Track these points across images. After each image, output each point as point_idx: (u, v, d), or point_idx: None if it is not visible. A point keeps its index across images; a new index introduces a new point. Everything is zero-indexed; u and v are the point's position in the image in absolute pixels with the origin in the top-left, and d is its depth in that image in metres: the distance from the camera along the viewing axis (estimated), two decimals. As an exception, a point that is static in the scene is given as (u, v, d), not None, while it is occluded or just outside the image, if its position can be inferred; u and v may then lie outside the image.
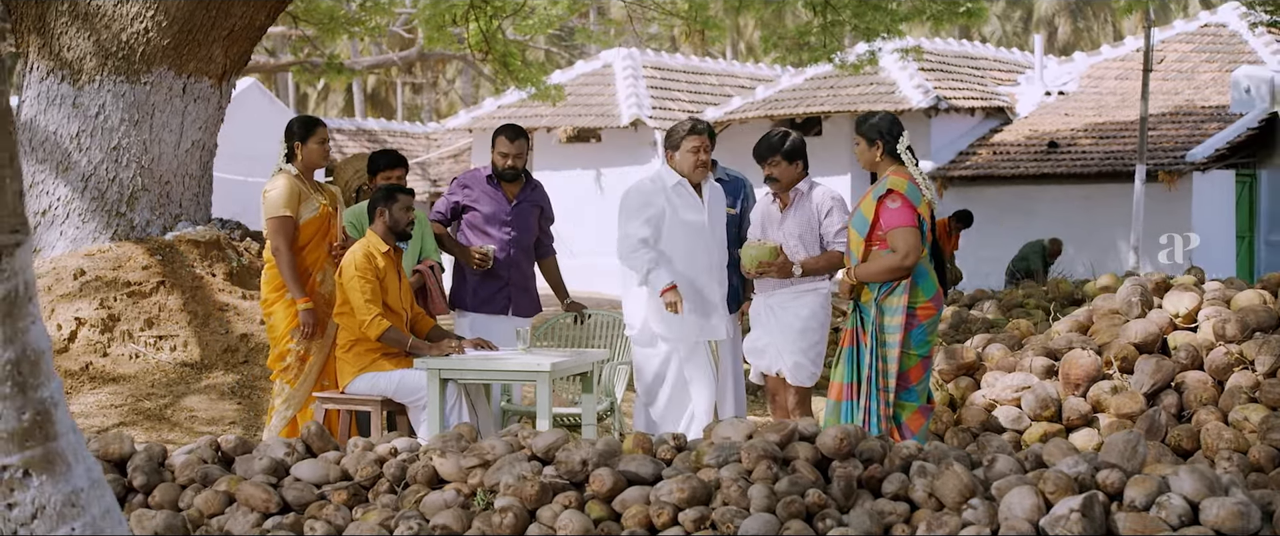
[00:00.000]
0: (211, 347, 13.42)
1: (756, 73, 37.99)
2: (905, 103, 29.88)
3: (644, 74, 35.05)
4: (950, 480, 7.15)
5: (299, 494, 7.83)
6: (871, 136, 9.41)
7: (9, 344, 5.41)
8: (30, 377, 5.48)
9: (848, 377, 9.42)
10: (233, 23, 14.65)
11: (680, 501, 7.16)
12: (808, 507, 7.11)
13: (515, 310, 11.15)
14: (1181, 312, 10.76)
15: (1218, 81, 30.69)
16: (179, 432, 11.99)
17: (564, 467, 7.50)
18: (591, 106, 33.89)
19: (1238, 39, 32.10)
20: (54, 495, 5.54)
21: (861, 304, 9.33)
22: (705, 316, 10.18)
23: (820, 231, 9.85)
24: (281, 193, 10.31)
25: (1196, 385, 10.15)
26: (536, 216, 11.27)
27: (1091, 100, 31.61)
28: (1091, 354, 10.44)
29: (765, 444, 7.44)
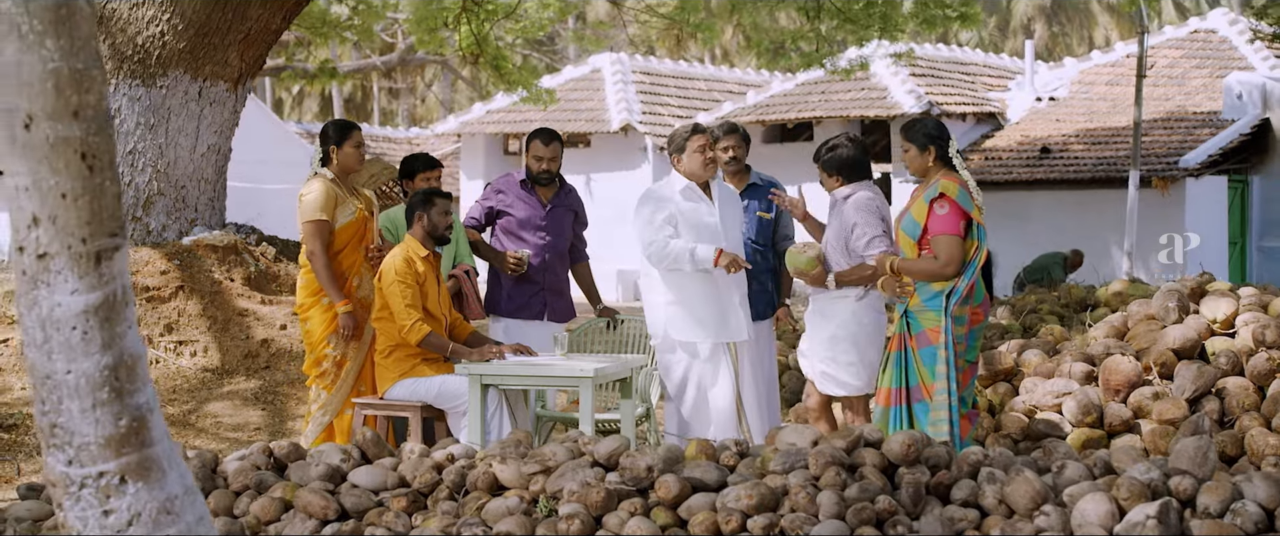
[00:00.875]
0: (232, 353, 13.34)
1: (745, 78, 37.97)
2: (897, 108, 29.89)
3: (633, 79, 35.01)
4: (1022, 486, 7.11)
5: (357, 500, 7.77)
6: (922, 142, 9.37)
7: (107, 349, 5.36)
8: (127, 383, 5.43)
9: (895, 382, 9.38)
10: (248, 26, 14.58)
11: (748, 508, 7.12)
12: (878, 514, 7.07)
13: (550, 315, 11.09)
14: (1219, 318, 10.74)
15: (1209, 87, 30.74)
16: (205, 439, 11.91)
17: (629, 474, 7.45)
18: (581, 111, 33.84)
19: (1228, 45, 32.16)
20: (149, 502, 5.49)
21: (909, 309, 9.29)
22: (722, 318, 10.13)
23: (851, 243, 9.77)
24: (318, 196, 10.24)
25: (1238, 391, 10.12)
26: (571, 221, 11.21)
27: (1082, 106, 31.64)
28: (1132, 360, 10.42)
29: (832, 450, 7.40)
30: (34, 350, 5.39)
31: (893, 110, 29.97)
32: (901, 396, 9.34)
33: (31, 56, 5.15)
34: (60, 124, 5.19)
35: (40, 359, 5.38)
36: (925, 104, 29.82)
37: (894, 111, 29.92)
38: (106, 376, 5.40)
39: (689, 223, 10.03)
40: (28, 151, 5.21)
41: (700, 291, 10.04)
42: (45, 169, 5.21)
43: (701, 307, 10.04)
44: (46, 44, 5.16)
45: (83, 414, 5.39)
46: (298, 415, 12.60)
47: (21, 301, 5.37)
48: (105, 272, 5.36)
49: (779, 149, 32.71)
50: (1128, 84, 31.24)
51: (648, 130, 32.98)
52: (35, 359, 5.39)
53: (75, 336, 5.35)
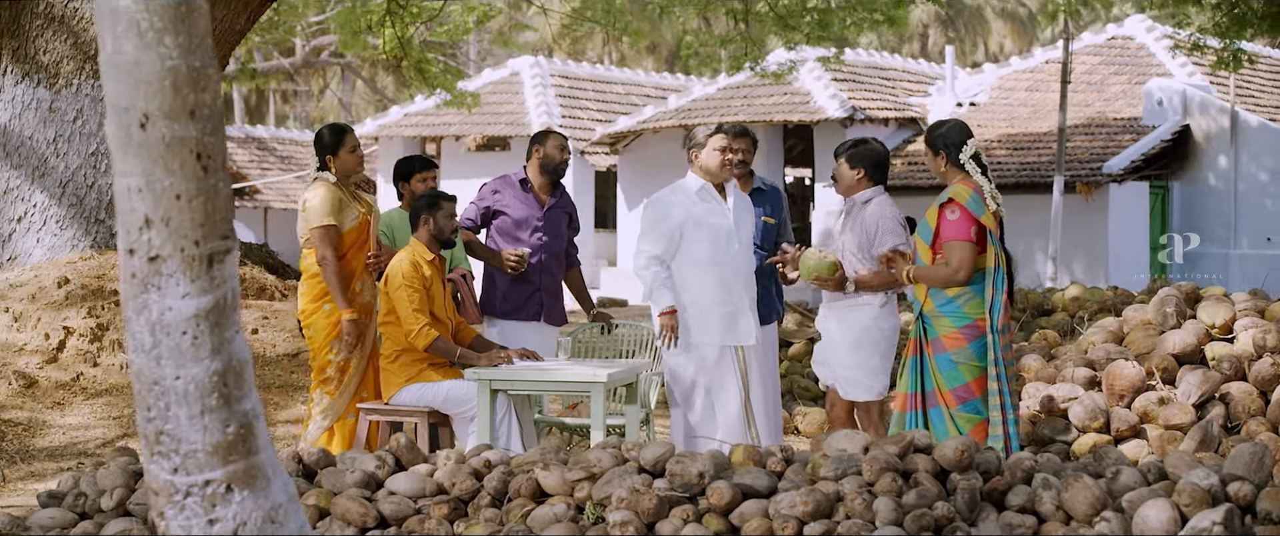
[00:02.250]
0: (204, 358, 13.13)
1: (663, 82, 37.99)
2: (821, 113, 29.95)
3: (552, 82, 34.92)
4: (1081, 493, 7.09)
5: (396, 507, 7.66)
6: (935, 146, 9.37)
7: (216, 354, 5.25)
8: (235, 389, 5.32)
9: (912, 387, 9.36)
10: (212, 26, 14.34)
11: (804, 514, 7.06)
12: (937, 521, 7.02)
13: (546, 317, 11.00)
14: (1218, 323, 10.80)
15: (1128, 94, 31.02)
16: (187, 444, 11.70)
17: (679, 480, 7.37)
18: (500, 115, 33.73)
19: (1145, 52, 32.46)
20: (255, 511, 5.39)
21: (924, 313, 9.27)
22: (731, 322, 10.07)
23: (872, 250, 9.75)
24: (323, 201, 10.12)
25: (1242, 396, 10.18)
26: (566, 223, 11.13)
27: (1003, 111, 31.84)
28: (1135, 365, 10.45)
29: (887, 456, 7.35)
30: (141, 355, 5.27)
31: (816, 115, 30.03)
32: (917, 401, 9.32)
33: (150, 54, 5.04)
34: (176, 123, 5.08)
35: (148, 364, 5.26)
36: (849, 109, 29.91)
37: (817, 116, 29.98)
38: (215, 382, 5.29)
39: (701, 223, 9.96)
40: (143, 151, 5.09)
41: (711, 293, 9.98)
42: (160, 169, 5.09)
43: (711, 310, 9.98)
44: (165, 41, 5.04)
45: (190, 421, 5.27)
46: (277, 420, 12.43)
47: (129, 305, 5.24)
48: (217, 276, 5.25)
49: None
50: (1047, 90, 31.47)
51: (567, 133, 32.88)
52: (142, 364, 5.27)
53: (185, 341, 5.23)
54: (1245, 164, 28.84)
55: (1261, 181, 28.53)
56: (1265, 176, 28.55)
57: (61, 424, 12.12)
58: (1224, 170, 28.75)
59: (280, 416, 12.55)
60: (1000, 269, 9.16)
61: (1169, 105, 29.00)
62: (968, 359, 9.15)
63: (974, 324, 9.15)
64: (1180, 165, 29.04)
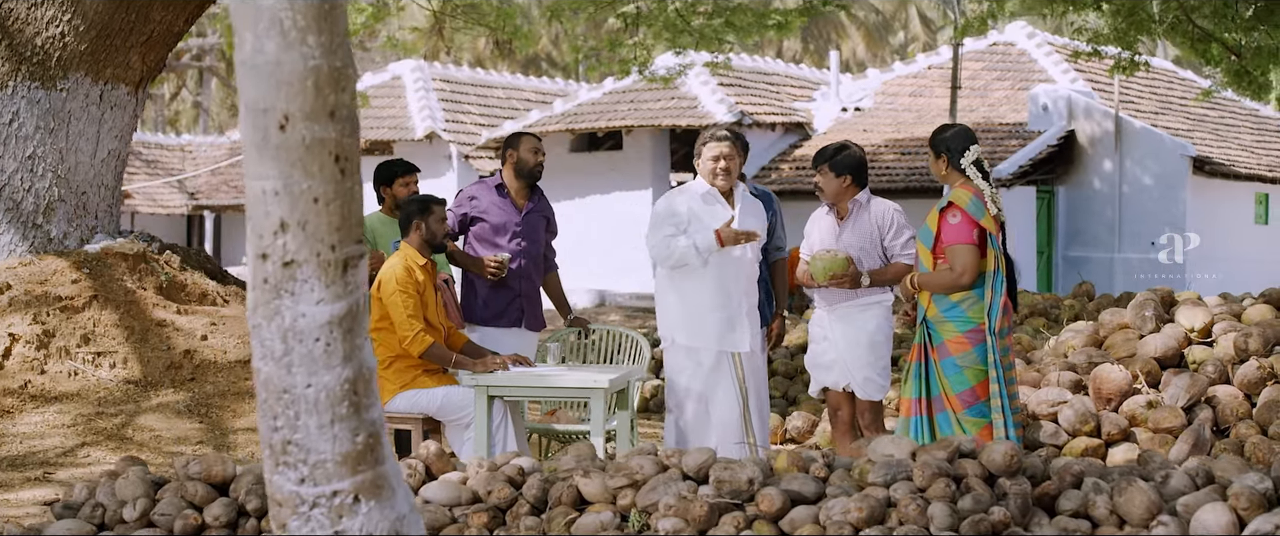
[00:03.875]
0: (154, 365, 12.90)
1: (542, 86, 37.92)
2: (710, 117, 29.97)
3: (434, 86, 34.72)
4: (1136, 497, 7.10)
5: (432, 516, 7.55)
6: (937, 149, 9.39)
7: (347, 361, 5.14)
8: (364, 397, 5.21)
9: (916, 393, 9.37)
10: (151, 28, 14.12)
11: (858, 521, 7.02)
12: (993, 526, 7.01)
13: (527, 323, 10.89)
14: (1197, 327, 10.89)
15: (1011, 99, 31.33)
16: (149, 453, 11.50)
17: (727, 487, 7.31)
18: (383, 119, 33.50)
19: (1027, 57, 32.81)
20: (381, 522, 5.28)
21: (928, 319, 9.28)
22: (730, 327, 10.03)
23: (885, 244, 9.77)
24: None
25: (1229, 399, 10.27)
26: (543, 227, 11.03)
27: (888, 116, 32.05)
28: (1121, 369, 10.51)
29: (939, 461, 7.32)
30: (271, 363, 5.13)
31: (704, 119, 30.05)
32: (922, 406, 9.33)
33: (292, 54, 4.91)
34: (317, 124, 4.96)
35: (278, 372, 5.13)
36: (737, 114, 29.97)
37: (705, 121, 30.00)
38: (346, 390, 5.17)
39: (704, 227, 9.92)
40: (280, 153, 4.97)
41: (710, 297, 9.94)
42: (298, 172, 4.97)
43: (708, 314, 9.94)
44: (308, 41, 4.92)
45: (320, 430, 5.15)
46: (235, 428, 12.22)
47: (260, 311, 5.11)
48: (350, 281, 5.14)
49: (588, 158, 32.65)
50: (930, 95, 31.72)
51: (452, 138, 32.73)
52: (271, 372, 5.14)
53: (318, 348, 5.11)
54: (1130, 168, 29.21)
55: (1145, 185, 28.91)
56: (1149, 180, 28.93)
57: (15, 433, 11.86)
58: (1109, 174, 29.10)
59: (238, 424, 12.34)
60: (1000, 272, 9.19)
61: (1054, 110, 29.32)
62: (973, 363, 9.17)
63: (978, 328, 9.17)
64: (1066, 170, 29.36)
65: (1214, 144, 30.99)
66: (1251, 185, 30.89)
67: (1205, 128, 32.50)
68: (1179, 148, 28.62)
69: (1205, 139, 31.03)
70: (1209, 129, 32.42)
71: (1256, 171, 30.43)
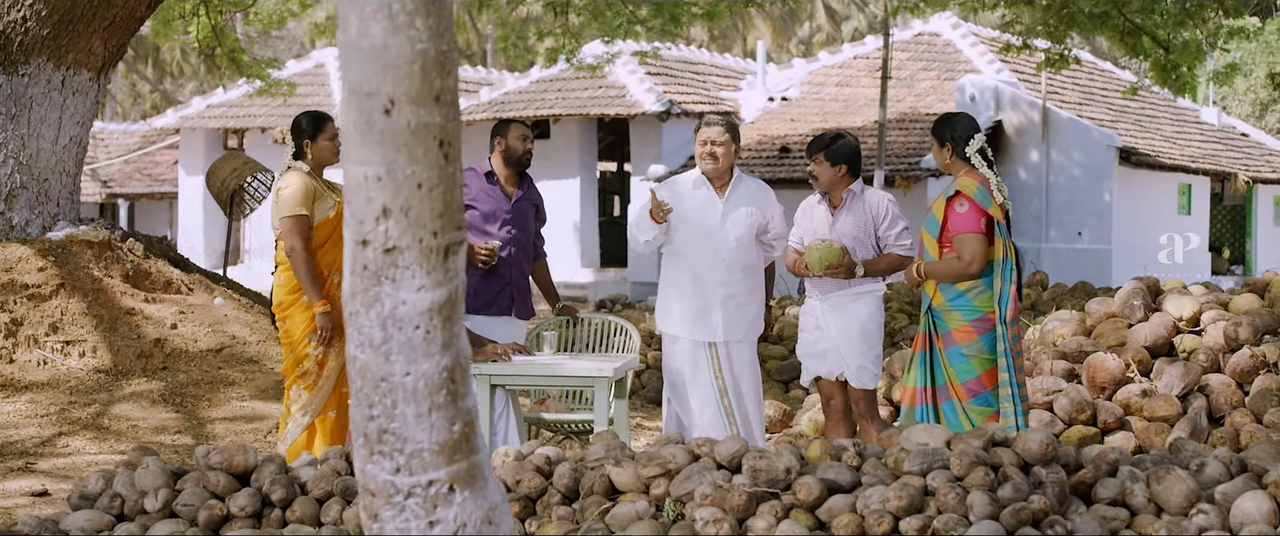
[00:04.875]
0: (124, 354, 12.75)
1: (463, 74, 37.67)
2: (638, 107, 29.94)
3: (357, 74, 34.44)
4: (1175, 485, 7.12)
5: (463, 505, 7.43)
6: (941, 138, 9.39)
7: (446, 349, 5.08)
8: (461, 386, 5.14)
9: (921, 381, 9.37)
10: (114, 13, 13.96)
11: (898, 510, 7.00)
12: (1034, 515, 7.01)
13: (517, 311, 10.82)
14: (1186, 316, 10.95)
15: (938, 89, 31.47)
16: (128, 443, 11.37)
17: (764, 476, 7.28)
18: (306, 106, 33.18)
19: (952, 48, 32.96)
20: (475, 512, 5.22)
21: (933, 307, 9.28)
22: (701, 317, 10.03)
23: (878, 234, 9.78)
24: (296, 191, 9.86)
25: (1221, 387, 10.34)
26: (533, 215, 10.97)
27: (815, 106, 32.11)
28: (1115, 358, 10.56)
29: (976, 450, 7.31)
30: (370, 351, 5.06)
31: (633, 109, 30.01)
32: (927, 395, 9.33)
33: (400, 38, 4.84)
34: (422, 109, 4.89)
35: (376, 360, 5.06)
36: (665, 103, 29.93)
37: (634, 110, 29.97)
38: (444, 379, 5.10)
39: (684, 216, 9.94)
40: (385, 138, 4.89)
41: (687, 287, 9.96)
42: (403, 157, 4.90)
43: (681, 303, 9.96)
44: (416, 24, 4.85)
45: (417, 419, 5.08)
46: (212, 418, 12.09)
47: (358, 299, 5.03)
48: (450, 268, 5.07)
49: (516, 146, 32.47)
50: (857, 85, 31.80)
51: (378, 126, 32.49)
52: (369, 360, 5.06)
53: (417, 336, 5.04)
54: (1056, 159, 29.40)
55: (1072, 176, 29.11)
56: (1077, 171, 29.12)
57: (-12, 423, 11.70)
58: (1035, 165, 29.28)
59: (214, 414, 12.22)
60: (1008, 260, 9.19)
61: (981, 101, 29.46)
62: (979, 352, 9.17)
63: (985, 317, 9.17)
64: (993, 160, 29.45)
65: (1138, 135, 31.26)
66: (1175, 176, 31.18)
67: (1128, 119, 32.76)
68: (1105, 138, 28.83)
69: (1129, 130, 31.29)
70: (1131, 120, 32.70)
71: (1180, 162, 30.72)
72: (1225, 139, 35.65)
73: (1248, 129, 38.18)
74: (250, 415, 12.21)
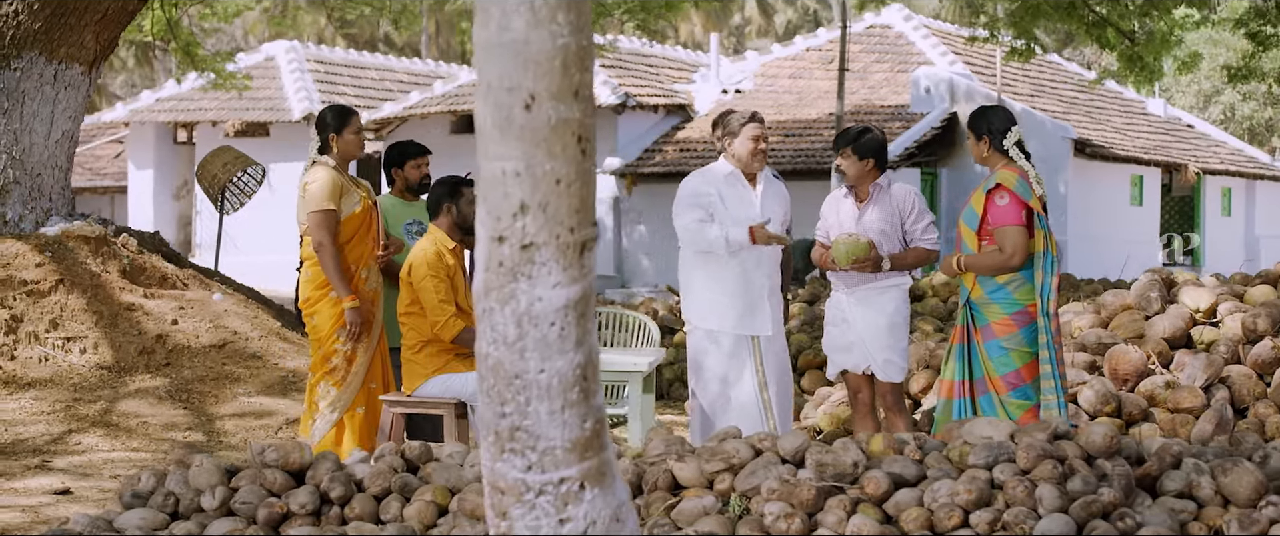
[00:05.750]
0: (126, 350, 12.65)
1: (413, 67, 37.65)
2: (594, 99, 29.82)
3: (309, 67, 34.34)
4: (1243, 477, 7.14)
5: (527, 503, 7.39)
6: (979, 131, 9.40)
7: (579, 346, 5.06)
8: (592, 383, 5.12)
9: (959, 375, 9.38)
10: (106, 6, 13.84)
11: (967, 503, 6.99)
12: (1104, 508, 7.02)
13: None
14: (1202, 308, 11.00)
15: (891, 82, 31.56)
16: (139, 439, 11.28)
17: (831, 470, 7.27)
18: (258, 100, 33.07)
19: (904, 40, 33.08)
20: (604, 510, 5.20)
21: (972, 300, 9.29)
22: (751, 311, 9.99)
23: (905, 227, 9.79)
24: (324, 185, 9.79)
25: (1243, 379, 10.39)
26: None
27: (769, 98, 32.15)
28: (1138, 349, 10.60)
29: (1042, 443, 7.32)
30: (504, 348, 5.02)
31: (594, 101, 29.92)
32: (965, 388, 9.33)
33: (541, 32, 4.81)
34: (562, 104, 4.87)
35: (510, 357, 5.02)
36: (621, 96, 29.92)
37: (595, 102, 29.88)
38: (577, 375, 5.08)
39: (728, 210, 9.86)
40: (525, 134, 4.86)
41: (732, 281, 9.89)
42: (542, 153, 4.87)
43: (729, 298, 9.89)
44: (558, 18, 4.83)
45: (551, 416, 5.05)
46: (221, 414, 12.01)
47: (493, 296, 5.00)
48: (586, 264, 5.05)
49: (469, 139, 32.42)
50: (810, 77, 31.86)
51: (330, 120, 32.36)
52: (503, 357, 5.03)
53: (552, 333, 5.01)
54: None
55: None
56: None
57: (-4, 420, 11.59)
58: (990, 158, 29.36)
59: (222, 410, 12.14)
60: (1049, 252, 9.20)
61: (936, 93, 29.58)
62: (1018, 345, 9.18)
63: (1025, 309, 9.18)
64: (948, 152, 29.65)
65: (1090, 127, 31.45)
66: (1127, 167, 31.38)
67: (1079, 111, 32.97)
68: (1060, 130, 28.99)
69: (1081, 122, 31.48)
70: (1083, 112, 32.90)
71: (1132, 154, 30.91)
72: (1172, 130, 35.91)
73: (1193, 120, 38.48)
74: (259, 411, 12.13)
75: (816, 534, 7.03)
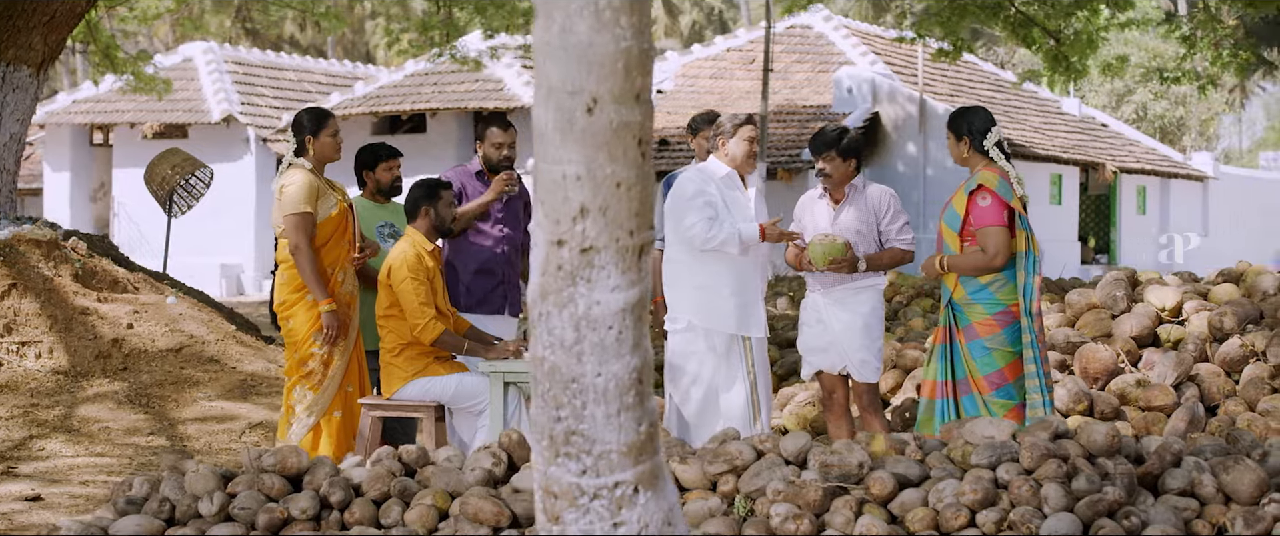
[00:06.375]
0: (82, 354, 12.51)
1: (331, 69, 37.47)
2: (516, 100, 29.86)
3: (227, 69, 34.11)
4: (1245, 475, 7.21)
5: (528, 506, 7.41)
6: (959, 132, 9.43)
7: (635, 349, 5.06)
8: (646, 386, 5.11)
9: (941, 375, 9.40)
10: (55, 8, 13.70)
11: (974, 503, 7.03)
12: (1109, 506, 7.06)
13: (510, 309, 10.75)
14: (1167, 307, 11.10)
15: (812, 82, 31.66)
16: (103, 444, 11.16)
17: (836, 471, 7.29)
18: (176, 102, 32.81)
19: (824, 40, 33.18)
20: (656, 513, 5.21)
21: (954, 301, 9.32)
22: (745, 310, 9.99)
23: (881, 228, 9.82)
24: (300, 188, 9.73)
25: (1212, 377, 10.49)
26: (523, 211, 10.90)
27: (690, 98, 32.17)
28: (1108, 348, 10.69)
29: (1045, 443, 7.36)
30: (561, 352, 5.01)
31: (511, 102, 29.92)
32: (948, 389, 9.36)
33: (605, 35, 4.80)
34: (624, 108, 4.86)
35: (568, 361, 5.01)
36: (544, 96, 29.79)
37: (512, 103, 29.87)
38: (633, 379, 5.07)
39: (726, 210, 9.86)
40: (586, 137, 4.85)
41: (727, 282, 9.87)
42: (603, 156, 4.86)
43: (725, 299, 9.87)
44: (621, 21, 4.81)
45: (607, 420, 5.04)
46: (183, 418, 11.90)
47: (551, 299, 4.98)
48: (643, 268, 5.05)
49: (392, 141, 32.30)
50: (731, 77, 31.91)
51: (249, 121, 32.20)
52: (560, 361, 5.01)
53: (610, 336, 5.01)
54: (933, 150, 29.70)
55: (949, 168, 29.42)
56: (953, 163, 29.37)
57: (-50, 427, 11.44)
58: (912, 157, 29.57)
59: (183, 415, 12.02)
60: (1031, 252, 9.24)
61: (858, 93, 29.71)
62: (1001, 345, 9.22)
63: (1007, 309, 9.22)
64: (871, 152, 29.78)
65: (1010, 126, 31.65)
66: (1047, 166, 31.60)
67: (996, 110, 33.12)
68: (982, 130, 29.09)
69: (1001, 122, 31.57)
70: (1000, 112, 33.08)
71: (1052, 153, 31.13)
72: (1087, 129, 36.21)
73: (1107, 119, 38.82)
74: (221, 415, 12.03)
75: (824, 534, 7.03)
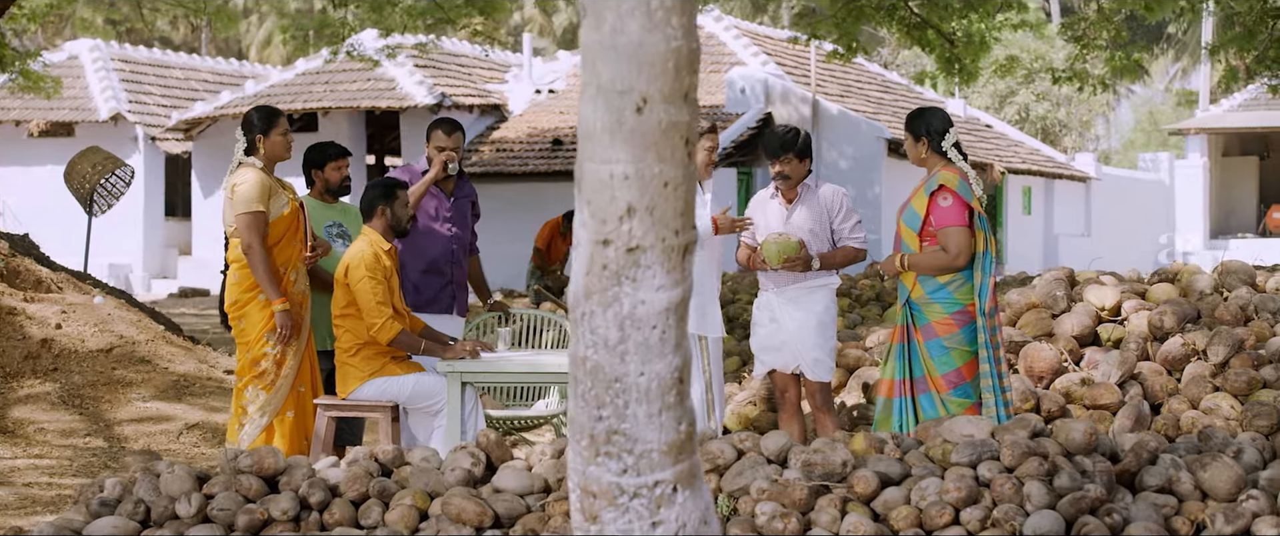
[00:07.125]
0: (11, 355, 12.35)
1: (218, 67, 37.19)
2: (409, 99, 29.73)
3: (114, 66, 33.74)
4: (1222, 472, 7.31)
5: (509, 506, 7.41)
6: (917, 132, 9.50)
7: (677, 349, 5.09)
8: (686, 385, 5.13)
9: (898, 374, 9.46)
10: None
11: (957, 501, 7.08)
12: (1091, 504, 7.14)
13: (458, 309, 10.74)
14: (1106, 306, 11.22)
15: (705, 82, 31.69)
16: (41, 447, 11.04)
17: (820, 470, 7.33)
18: (63, 100, 32.34)
19: (715, 41, 33.25)
20: (693, 512, 5.23)
21: (912, 300, 9.39)
22: (701, 312, 10.04)
23: (834, 227, 9.89)
24: (252, 186, 9.66)
25: (1154, 376, 10.61)
26: (470, 211, 10.89)
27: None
28: (1052, 347, 10.79)
29: (1026, 441, 7.42)
30: (604, 351, 5.01)
31: (404, 102, 29.81)
32: (905, 387, 9.42)
33: (656, 35, 4.82)
34: (673, 107, 4.87)
35: (611, 360, 5.01)
36: (437, 96, 29.77)
37: (405, 103, 29.77)
38: (675, 379, 5.09)
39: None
40: (634, 136, 4.86)
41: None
42: (652, 156, 4.87)
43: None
44: (672, 21, 4.83)
45: (649, 419, 5.05)
46: (119, 419, 11.77)
47: (595, 298, 4.98)
48: (686, 268, 5.06)
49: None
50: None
51: (138, 120, 31.85)
52: (603, 360, 5.02)
53: (654, 336, 5.02)
54: (826, 151, 29.87)
55: (842, 168, 29.59)
56: (845, 164, 29.60)
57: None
58: (806, 158, 29.65)
59: (118, 416, 11.90)
60: (989, 252, 9.32)
61: (751, 94, 29.80)
62: (959, 344, 9.28)
63: (965, 309, 9.28)
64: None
65: (898, 127, 31.83)
66: (937, 167, 31.77)
67: (886, 111, 33.39)
68: (875, 130, 29.37)
69: (890, 122, 31.87)
70: (889, 113, 33.32)
71: (943, 153, 31.31)
72: (973, 130, 36.52)
73: (991, 120, 39.18)
74: (156, 416, 11.92)
75: (810, 533, 7.05)
